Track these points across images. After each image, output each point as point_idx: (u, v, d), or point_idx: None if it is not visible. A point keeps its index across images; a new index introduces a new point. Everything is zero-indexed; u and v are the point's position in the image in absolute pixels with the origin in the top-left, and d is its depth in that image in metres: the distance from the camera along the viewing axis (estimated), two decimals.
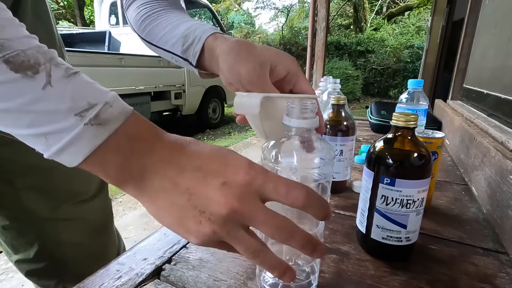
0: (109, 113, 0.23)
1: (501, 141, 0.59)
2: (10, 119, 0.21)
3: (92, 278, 0.37)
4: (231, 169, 0.24)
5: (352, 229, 0.47)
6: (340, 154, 0.58)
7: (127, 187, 0.24)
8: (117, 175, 0.24)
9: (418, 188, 0.36)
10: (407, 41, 8.09)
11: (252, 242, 0.24)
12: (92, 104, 0.22)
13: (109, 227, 0.66)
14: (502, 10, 0.85)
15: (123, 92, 3.19)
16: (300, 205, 0.23)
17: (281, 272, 0.24)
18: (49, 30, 0.50)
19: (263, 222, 0.23)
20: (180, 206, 0.23)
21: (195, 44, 0.39)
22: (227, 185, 0.23)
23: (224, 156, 0.25)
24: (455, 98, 1.28)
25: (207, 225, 0.23)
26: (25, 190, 0.51)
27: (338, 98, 0.58)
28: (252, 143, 3.84)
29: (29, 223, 0.54)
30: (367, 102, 7.06)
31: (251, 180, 0.23)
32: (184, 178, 0.24)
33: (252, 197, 0.23)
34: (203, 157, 0.24)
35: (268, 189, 0.23)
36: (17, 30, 0.22)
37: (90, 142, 0.22)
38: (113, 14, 4.30)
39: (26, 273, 0.58)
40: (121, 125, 0.23)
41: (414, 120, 0.36)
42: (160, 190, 0.24)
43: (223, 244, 0.25)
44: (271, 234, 0.23)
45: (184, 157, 0.24)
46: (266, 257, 0.24)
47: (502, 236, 0.45)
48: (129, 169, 0.24)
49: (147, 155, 0.24)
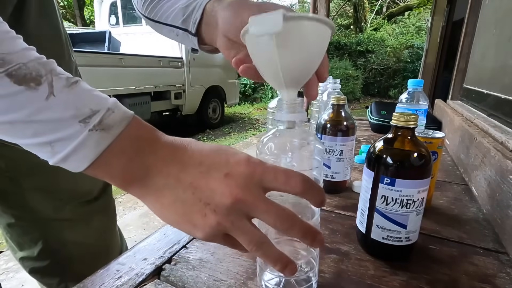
0: (112, 119, 0.23)
1: (501, 141, 0.59)
2: (16, 130, 0.22)
3: (92, 278, 0.37)
4: (232, 162, 0.25)
5: (352, 229, 0.47)
6: (340, 154, 0.58)
7: (131, 188, 0.25)
8: (122, 177, 0.24)
9: (418, 188, 0.36)
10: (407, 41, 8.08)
11: (255, 233, 0.24)
12: (95, 111, 0.23)
13: (112, 228, 0.66)
14: (502, 10, 0.85)
15: (123, 92, 3.19)
16: (299, 191, 0.24)
17: (283, 265, 0.25)
18: (55, 27, 0.50)
19: (266, 211, 0.24)
20: (184, 201, 0.24)
21: (195, 11, 0.38)
22: (230, 177, 0.24)
23: (224, 151, 0.26)
24: (455, 98, 1.28)
25: (212, 217, 0.23)
26: (30, 190, 0.52)
27: (338, 98, 0.58)
28: (252, 143, 3.84)
29: (34, 222, 0.54)
30: (367, 102, 7.06)
31: (252, 171, 0.24)
32: (188, 174, 0.24)
33: (255, 187, 0.24)
34: (204, 153, 0.25)
35: (269, 178, 0.24)
36: (15, 43, 0.22)
37: (95, 148, 0.23)
38: (113, 14, 4.30)
39: (30, 271, 0.58)
40: (124, 129, 0.24)
41: (414, 120, 0.36)
42: (164, 187, 0.25)
43: (227, 238, 0.25)
44: (274, 223, 0.24)
45: (185, 154, 0.25)
46: (268, 250, 0.25)
47: (502, 236, 0.45)
48: (133, 170, 0.24)
49: (149, 156, 0.25)
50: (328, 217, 0.52)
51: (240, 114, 5.98)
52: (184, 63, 3.96)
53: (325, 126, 0.58)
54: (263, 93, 7.26)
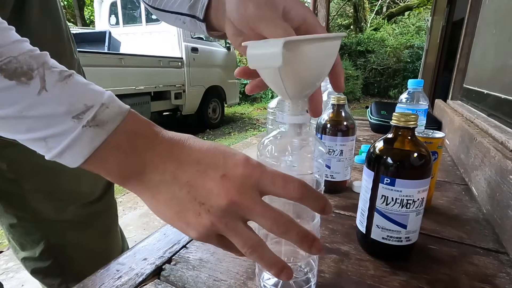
0: (106, 114, 0.23)
1: (501, 141, 0.59)
2: (8, 125, 0.22)
3: (92, 278, 0.37)
4: (230, 163, 0.24)
5: (352, 229, 0.47)
6: (340, 154, 0.58)
7: (128, 184, 0.25)
8: (119, 172, 0.24)
9: (418, 188, 0.36)
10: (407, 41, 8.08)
11: (250, 236, 0.24)
12: (89, 106, 0.22)
13: (114, 229, 0.66)
14: (502, 10, 0.85)
15: (123, 92, 3.19)
16: (296, 197, 0.24)
17: (278, 270, 0.24)
18: (57, 23, 0.50)
19: (261, 214, 0.23)
20: (180, 198, 0.24)
21: None
22: (227, 178, 0.23)
23: (222, 151, 0.25)
24: (455, 98, 1.28)
25: (206, 217, 0.23)
26: (32, 191, 0.52)
27: (338, 98, 0.58)
28: (252, 143, 3.84)
29: (36, 222, 0.54)
30: (367, 102, 7.06)
31: (250, 173, 0.24)
32: (184, 172, 0.24)
33: (251, 190, 0.23)
34: (202, 151, 0.25)
35: (266, 182, 0.24)
36: (5, 35, 0.22)
37: (89, 144, 0.22)
38: (113, 14, 4.30)
39: (32, 271, 0.58)
40: (119, 125, 0.23)
41: (414, 120, 0.36)
42: (161, 184, 0.24)
43: (221, 240, 0.25)
44: (269, 227, 0.23)
45: (183, 151, 0.25)
46: (264, 254, 0.24)
47: (502, 236, 0.45)
48: (129, 166, 0.24)
49: (146, 152, 0.24)
50: (328, 217, 0.52)
51: (240, 114, 5.98)
52: (184, 63, 3.96)
53: (325, 126, 0.58)
54: (263, 93, 7.26)
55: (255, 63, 0.25)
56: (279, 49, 0.22)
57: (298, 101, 0.28)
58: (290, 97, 0.27)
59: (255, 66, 0.25)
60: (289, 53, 0.23)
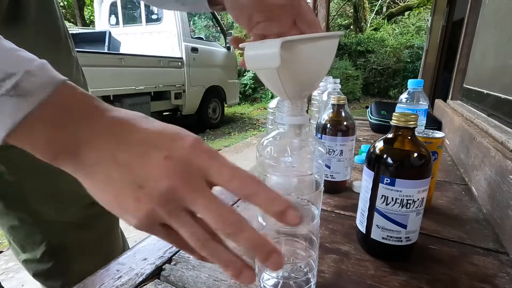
0: (31, 83, 0.20)
1: (501, 141, 0.59)
2: None
3: (92, 278, 0.37)
4: (177, 144, 0.22)
5: (352, 229, 0.47)
6: (340, 154, 0.58)
7: (61, 162, 0.22)
8: (47, 149, 0.21)
9: (418, 188, 0.36)
10: (407, 41, 8.08)
11: (198, 228, 0.21)
12: (10, 74, 0.20)
13: (115, 230, 0.66)
14: (502, 10, 0.85)
15: (123, 92, 3.19)
16: (244, 193, 0.21)
17: (235, 271, 0.21)
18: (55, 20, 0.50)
19: (205, 206, 0.21)
20: (118, 181, 0.21)
21: None
22: (170, 159, 0.21)
23: (172, 131, 0.23)
24: (455, 98, 1.28)
25: (146, 202, 0.21)
26: (32, 193, 0.52)
27: (338, 98, 0.58)
28: (252, 143, 3.84)
29: (37, 224, 0.54)
30: (367, 102, 7.06)
31: (195, 156, 0.21)
32: (125, 151, 0.21)
33: (195, 176, 0.21)
34: (149, 131, 0.22)
35: (212, 170, 0.21)
36: None
37: (11, 116, 0.20)
38: (113, 14, 4.30)
39: (34, 274, 0.58)
40: (47, 97, 0.21)
41: (414, 120, 0.36)
42: (97, 164, 0.22)
43: (166, 232, 0.23)
44: (215, 223, 0.21)
45: (127, 130, 0.22)
46: (216, 250, 0.22)
47: (502, 236, 0.45)
48: (60, 143, 0.21)
49: (82, 128, 0.22)
50: (328, 217, 0.52)
51: (240, 114, 5.98)
52: (184, 63, 3.96)
53: (325, 126, 0.58)
54: (263, 93, 7.26)
55: (253, 64, 0.25)
56: (276, 49, 0.22)
57: (297, 102, 0.28)
58: (289, 97, 0.27)
59: (253, 67, 0.25)
60: (287, 53, 0.23)
